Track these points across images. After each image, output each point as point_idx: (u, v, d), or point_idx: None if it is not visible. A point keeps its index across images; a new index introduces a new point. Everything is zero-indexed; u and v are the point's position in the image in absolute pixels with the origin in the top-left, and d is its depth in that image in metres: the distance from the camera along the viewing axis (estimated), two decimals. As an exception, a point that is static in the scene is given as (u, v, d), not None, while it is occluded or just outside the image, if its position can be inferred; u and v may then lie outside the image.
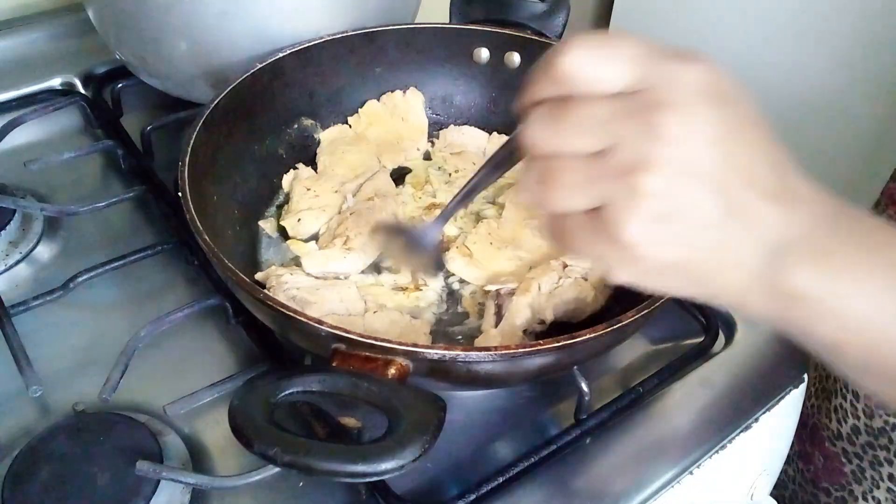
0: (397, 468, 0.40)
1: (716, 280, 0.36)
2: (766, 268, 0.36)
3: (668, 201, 0.33)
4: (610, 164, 0.34)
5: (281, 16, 0.71)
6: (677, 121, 0.33)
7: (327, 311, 0.58)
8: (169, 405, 0.56)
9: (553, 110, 0.35)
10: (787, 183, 0.36)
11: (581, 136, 0.34)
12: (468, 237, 0.66)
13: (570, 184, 0.35)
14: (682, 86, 0.33)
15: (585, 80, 0.34)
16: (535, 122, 0.35)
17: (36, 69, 0.87)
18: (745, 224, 0.35)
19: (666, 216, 0.34)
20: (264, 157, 0.72)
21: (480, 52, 0.78)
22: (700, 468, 0.57)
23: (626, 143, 0.33)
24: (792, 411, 0.65)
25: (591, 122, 0.34)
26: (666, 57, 0.34)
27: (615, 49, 0.34)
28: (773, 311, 0.37)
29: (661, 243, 0.34)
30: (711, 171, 0.33)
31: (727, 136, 0.34)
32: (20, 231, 0.70)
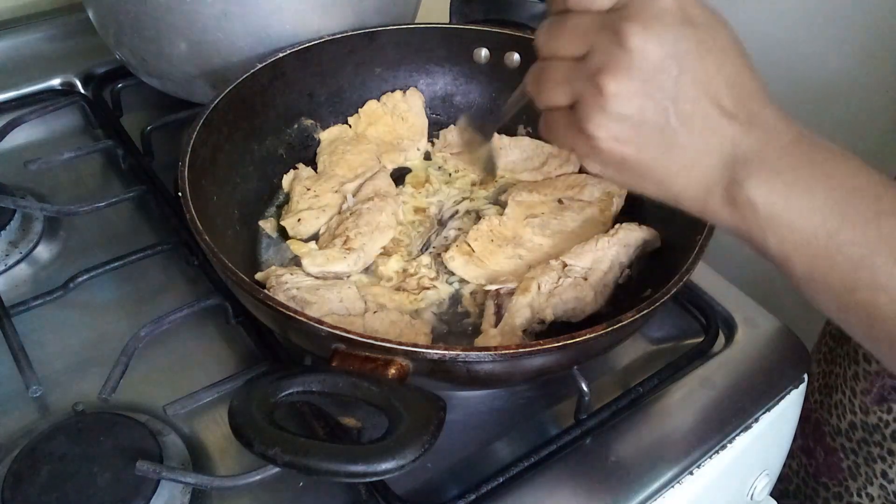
0: (397, 468, 0.40)
1: (674, 182, 0.41)
2: (721, 178, 0.40)
3: (626, 102, 0.38)
4: (584, 67, 0.39)
5: (281, 16, 0.71)
6: (640, 33, 0.37)
7: (327, 311, 0.58)
8: (169, 405, 0.56)
9: (555, 22, 0.41)
10: (745, 105, 0.39)
11: (569, 43, 0.40)
12: (470, 234, 0.66)
13: (554, 81, 0.41)
14: (653, 5, 0.38)
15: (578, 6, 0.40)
16: (540, 31, 0.42)
17: (36, 69, 0.87)
18: (698, 133, 0.39)
19: (623, 115, 0.39)
20: (264, 157, 0.72)
21: (480, 52, 0.78)
22: (700, 468, 0.57)
23: (598, 49, 0.39)
24: (792, 411, 0.65)
25: (577, 31, 0.40)
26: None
27: None
28: (730, 222, 0.41)
29: (618, 140, 0.39)
30: (667, 81, 0.38)
31: (689, 50, 0.38)
32: (20, 231, 0.70)
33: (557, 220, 0.68)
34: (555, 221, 0.68)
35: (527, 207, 0.70)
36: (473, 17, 0.80)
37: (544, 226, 0.68)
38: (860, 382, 0.74)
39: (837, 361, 0.79)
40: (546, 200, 0.70)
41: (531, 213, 0.69)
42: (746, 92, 0.39)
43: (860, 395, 0.74)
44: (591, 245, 0.63)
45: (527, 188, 0.71)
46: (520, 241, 0.67)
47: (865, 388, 0.74)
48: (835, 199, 0.39)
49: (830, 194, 0.39)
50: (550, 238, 0.67)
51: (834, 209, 0.39)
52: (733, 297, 0.68)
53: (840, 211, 0.39)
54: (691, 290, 0.67)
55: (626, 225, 0.64)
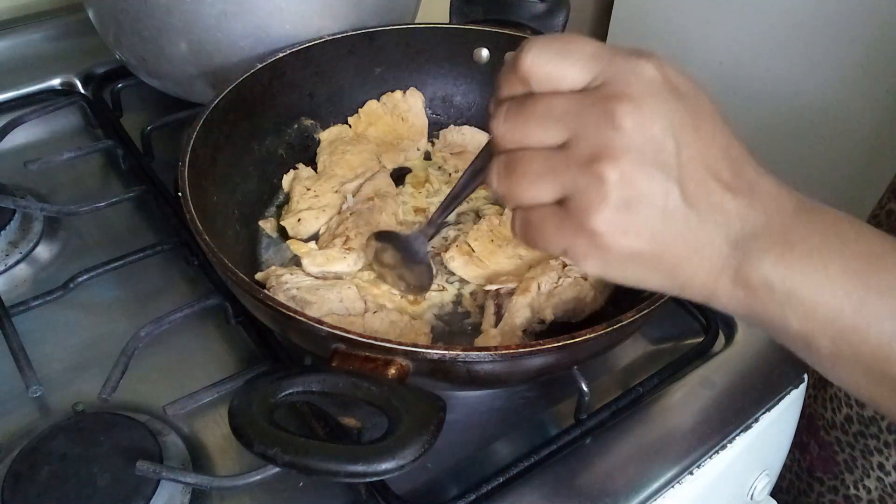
0: (397, 468, 0.40)
1: (682, 271, 0.37)
2: (731, 258, 0.36)
3: (630, 189, 0.34)
4: (572, 155, 0.35)
5: (281, 16, 0.71)
6: (633, 111, 0.34)
7: (327, 311, 0.58)
8: (169, 405, 0.56)
9: (516, 106, 0.37)
10: (744, 175, 0.36)
11: (542, 129, 0.36)
12: (470, 234, 0.66)
13: (534, 175, 0.36)
14: (638, 79, 0.34)
15: (546, 77, 0.36)
16: (500, 117, 0.37)
17: (36, 69, 0.87)
18: (705, 213, 0.35)
19: (628, 205, 0.34)
20: (264, 157, 0.72)
21: (480, 52, 0.78)
22: (700, 468, 0.57)
23: (586, 133, 0.34)
24: (792, 411, 0.65)
25: (552, 114, 0.35)
26: (621, 54, 0.35)
27: (572, 48, 0.36)
28: (743, 305, 0.37)
29: (626, 232, 0.35)
30: (668, 160, 0.34)
31: (682, 127, 0.35)
32: (20, 231, 0.70)
33: (557, 220, 0.68)
34: (555, 221, 0.68)
35: (527, 207, 0.69)
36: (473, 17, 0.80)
37: (544, 226, 0.68)
38: None
39: None
40: (546, 200, 0.70)
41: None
42: (740, 161, 0.37)
43: None
44: (591, 245, 0.63)
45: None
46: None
47: None
48: (854, 269, 0.36)
49: (849, 263, 0.36)
50: (550, 238, 0.67)
51: (856, 279, 0.36)
52: (733, 297, 0.68)
53: (863, 281, 0.36)
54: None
55: (626, 225, 0.64)
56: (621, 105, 0.34)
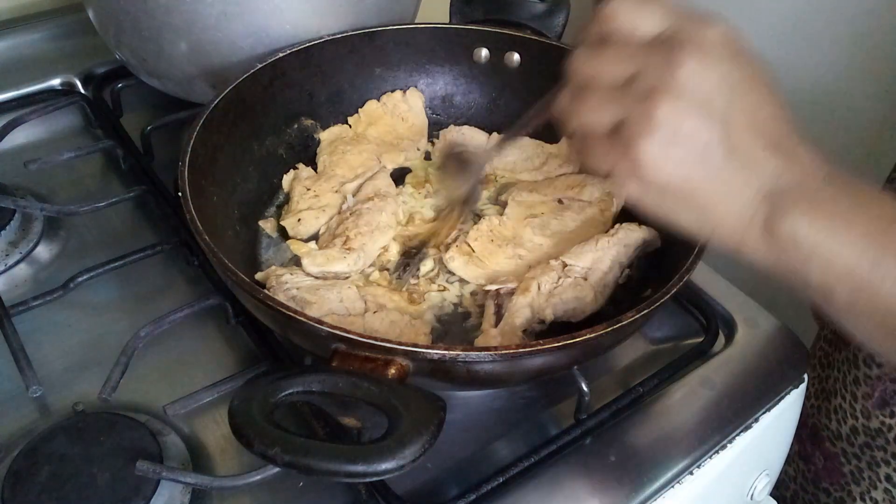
0: (397, 468, 0.40)
1: (714, 212, 0.41)
2: (761, 208, 0.40)
3: (677, 126, 0.38)
4: (632, 89, 0.39)
5: (281, 16, 0.71)
6: (695, 59, 0.38)
7: (327, 311, 0.58)
8: (169, 405, 0.56)
9: (594, 47, 0.41)
10: (785, 140, 0.40)
11: (612, 66, 0.40)
12: (470, 234, 0.66)
13: (597, 102, 0.41)
14: (704, 35, 0.39)
15: (624, 23, 0.40)
16: (579, 52, 0.42)
17: (36, 69, 0.87)
18: (743, 163, 0.39)
19: (672, 140, 0.38)
20: (264, 157, 0.72)
21: (480, 52, 0.78)
22: (700, 468, 0.57)
23: (648, 72, 0.39)
24: (792, 411, 0.65)
25: (622, 54, 0.40)
26: (693, 14, 0.40)
27: (650, 3, 0.41)
28: (769, 254, 0.41)
29: (666, 164, 0.39)
30: (718, 109, 0.38)
31: (737, 84, 0.39)
32: (20, 231, 0.70)
33: (557, 220, 0.68)
34: (555, 221, 0.68)
35: (527, 207, 0.70)
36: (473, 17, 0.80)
37: (544, 226, 0.68)
38: (861, 387, 0.74)
39: (835, 366, 0.79)
40: (546, 200, 0.70)
41: (531, 213, 0.69)
42: (785, 128, 0.41)
43: (861, 399, 0.74)
44: (591, 245, 0.63)
45: (527, 188, 0.71)
46: (520, 241, 0.67)
47: (867, 392, 0.73)
48: (874, 231, 0.40)
49: (870, 226, 0.40)
50: (550, 238, 0.67)
51: (875, 240, 0.40)
52: (733, 297, 0.68)
53: (881, 242, 0.40)
54: (691, 290, 0.67)
55: (626, 225, 0.64)
56: (684, 53, 0.38)
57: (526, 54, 0.76)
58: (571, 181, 0.72)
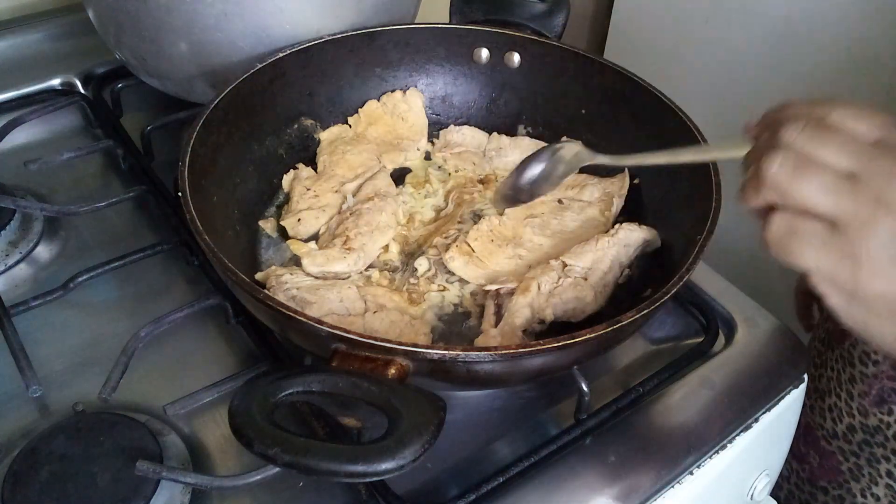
0: (397, 468, 0.40)
1: None
2: None
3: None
4: (860, 189, 0.38)
5: (281, 16, 0.71)
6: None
7: (327, 311, 0.58)
8: (169, 405, 0.56)
9: (817, 123, 0.39)
10: None
11: (839, 154, 0.38)
12: (470, 234, 0.66)
13: (824, 186, 0.38)
14: None
15: (843, 122, 0.40)
16: (801, 125, 0.40)
17: (36, 69, 0.87)
18: None
19: (895, 252, 0.37)
20: (264, 157, 0.72)
21: (480, 52, 0.78)
22: (700, 468, 0.57)
23: (876, 177, 0.37)
24: (792, 411, 0.65)
25: (851, 147, 0.39)
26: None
27: (868, 111, 0.40)
28: None
29: (885, 272, 0.38)
30: None
31: None
32: (20, 231, 0.70)
33: (557, 221, 0.68)
34: (555, 221, 0.68)
35: (527, 207, 0.69)
36: (473, 17, 0.80)
37: (544, 226, 0.68)
38: (857, 385, 0.74)
39: (828, 365, 0.79)
40: (546, 200, 0.70)
41: (531, 213, 0.69)
42: None
43: (857, 397, 0.74)
44: (591, 245, 0.63)
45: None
46: (520, 241, 0.67)
47: (863, 390, 0.73)
48: None
49: None
50: (550, 238, 0.67)
51: None
52: (733, 297, 0.68)
53: None
54: (691, 290, 0.67)
55: (626, 225, 0.64)
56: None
57: (526, 54, 0.77)
58: (571, 181, 0.72)
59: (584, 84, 0.74)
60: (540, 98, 0.78)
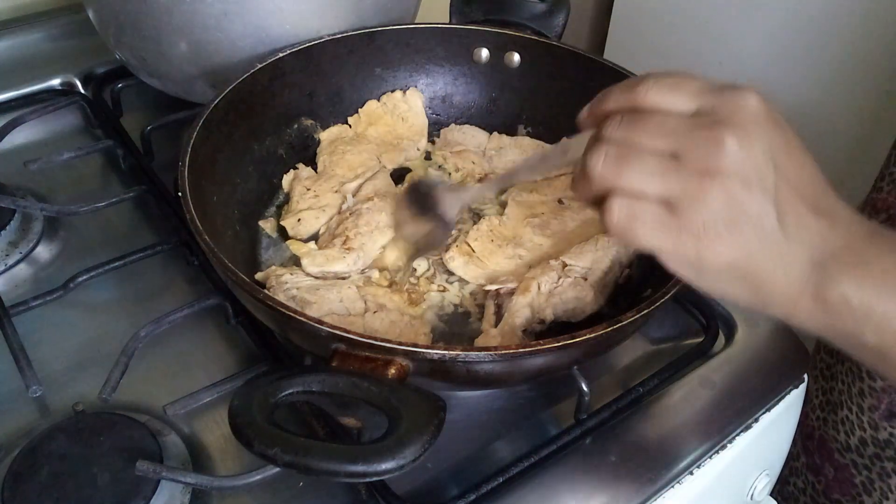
0: (397, 468, 0.40)
1: (768, 286, 0.40)
2: (812, 277, 0.40)
3: (733, 206, 0.38)
4: (683, 166, 0.39)
5: (281, 16, 0.71)
6: (740, 136, 0.38)
7: (327, 311, 0.58)
8: (169, 405, 0.56)
9: (630, 115, 0.40)
10: (826, 200, 0.40)
11: (654, 138, 0.39)
12: (470, 234, 0.66)
13: (647, 169, 0.39)
14: (742, 109, 0.39)
15: (658, 104, 0.40)
16: (616, 119, 0.41)
17: (36, 69, 0.87)
18: (793, 233, 0.39)
19: (730, 220, 0.38)
20: (264, 157, 0.72)
21: (480, 52, 0.78)
22: (700, 468, 0.57)
23: (696, 151, 0.38)
24: (792, 411, 0.65)
25: (664, 128, 0.39)
26: (726, 88, 0.40)
27: (683, 82, 0.40)
28: (821, 321, 0.41)
29: (724, 244, 0.39)
30: (768, 182, 0.38)
31: (779, 152, 0.39)
32: (20, 231, 0.70)
33: (557, 220, 0.68)
34: (555, 221, 0.68)
35: (527, 207, 0.70)
36: (473, 17, 0.80)
37: (544, 226, 0.68)
38: (867, 399, 0.74)
39: (838, 377, 0.78)
40: (546, 200, 0.70)
41: (531, 213, 0.69)
42: (823, 188, 0.41)
43: (868, 411, 0.74)
44: (591, 245, 0.63)
45: (527, 188, 0.71)
46: (520, 241, 0.67)
47: (873, 404, 0.73)
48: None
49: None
50: (550, 238, 0.67)
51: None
52: (733, 297, 0.68)
53: None
54: (691, 290, 0.67)
55: (626, 225, 0.64)
56: (727, 129, 0.38)
57: (526, 54, 0.77)
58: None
59: (584, 84, 0.74)
60: (540, 98, 0.78)
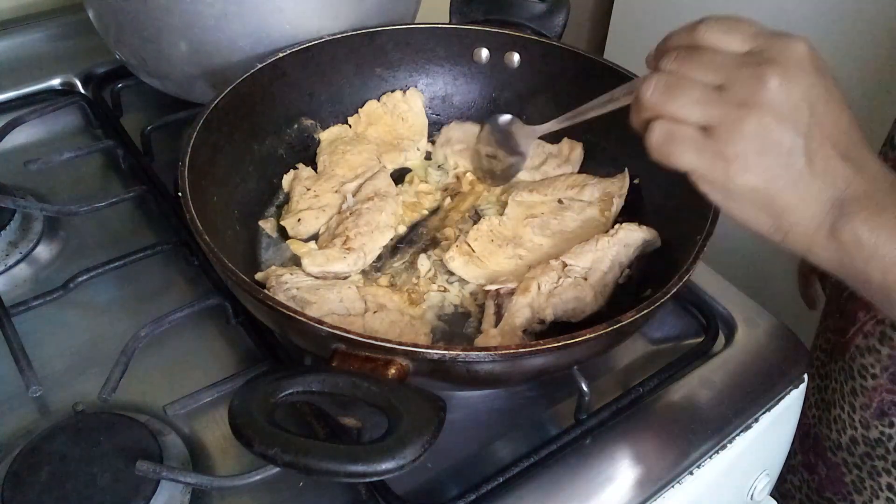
0: (397, 468, 0.40)
1: (789, 216, 0.44)
2: (830, 214, 0.43)
3: (765, 135, 0.42)
4: (725, 96, 0.42)
5: (281, 16, 0.71)
6: (781, 76, 0.42)
7: (327, 311, 0.58)
8: (169, 405, 0.56)
9: (685, 50, 0.44)
10: (857, 151, 0.44)
11: (704, 70, 0.43)
12: (470, 234, 0.66)
13: (692, 97, 0.43)
14: (789, 53, 0.42)
15: (714, 43, 0.44)
16: (673, 54, 0.45)
17: (36, 69, 0.87)
18: (819, 171, 0.43)
19: (761, 147, 0.42)
20: (264, 157, 0.71)
21: (480, 52, 0.78)
22: (700, 468, 0.57)
23: (740, 84, 0.42)
24: (792, 411, 0.65)
25: (714, 62, 0.43)
26: (777, 33, 0.44)
27: (739, 24, 0.44)
28: (834, 258, 0.45)
29: (753, 169, 0.43)
30: (801, 120, 0.42)
31: (817, 98, 0.43)
32: (20, 231, 0.70)
33: (557, 220, 0.68)
34: (555, 221, 0.68)
35: (527, 207, 0.70)
36: (473, 17, 0.80)
37: (544, 226, 0.68)
38: (858, 398, 0.74)
39: (832, 376, 0.79)
40: (546, 200, 0.70)
41: (531, 213, 0.69)
42: (856, 140, 0.44)
43: (859, 410, 0.74)
44: (591, 245, 0.63)
45: (527, 188, 0.71)
46: (520, 241, 0.67)
47: (864, 402, 0.73)
48: None
49: None
50: (550, 238, 0.67)
51: None
52: (733, 297, 0.68)
53: None
54: (691, 290, 0.67)
55: (626, 225, 0.64)
56: (772, 69, 0.42)
57: (526, 54, 0.77)
58: (571, 181, 0.72)
59: (584, 84, 0.74)
60: (540, 98, 0.77)
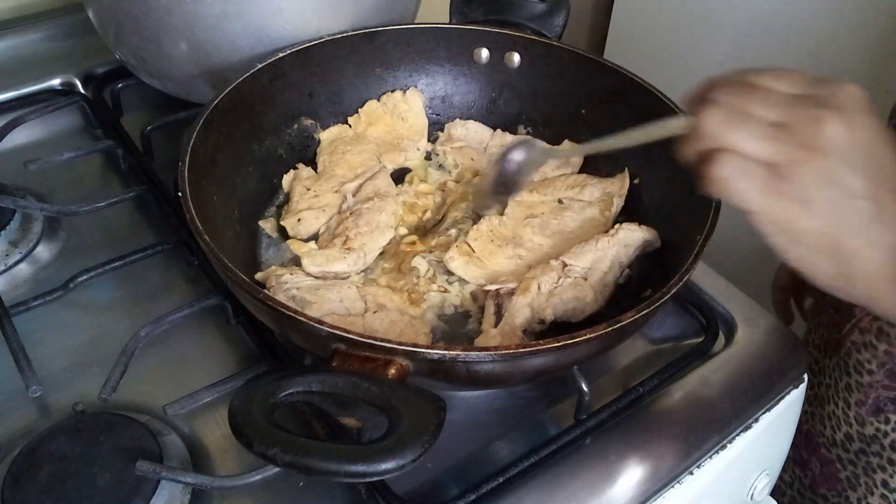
0: (397, 468, 0.40)
1: (854, 262, 0.43)
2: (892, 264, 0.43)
3: (833, 180, 0.41)
4: (790, 134, 0.42)
5: (281, 16, 0.71)
6: (844, 120, 0.42)
7: (327, 311, 0.58)
8: (169, 405, 0.56)
9: (741, 86, 0.44)
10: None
11: (765, 106, 0.43)
12: (470, 234, 0.66)
13: (757, 133, 0.42)
14: (843, 95, 0.43)
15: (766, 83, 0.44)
16: (728, 88, 0.44)
17: (36, 69, 0.87)
18: (884, 217, 0.42)
19: (829, 191, 0.41)
20: (264, 157, 0.72)
21: (480, 52, 0.78)
22: (700, 468, 0.57)
23: (801, 123, 0.42)
24: (792, 411, 0.65)
25: (774, 101, 0.43)
26: (829, 79, 0.44)
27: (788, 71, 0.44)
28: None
29: (821, 210, 0.42)
30: (866, 165, 0.42)
31: (874, 141, 0.43)
32: (20, 231, 0.70)
33: (557, 221, 0.68)
34: (555, 221, 0.68)
35: (527, 207, 0.70)
36: (473, 17, 0.80)
37: (544, 226, 0.68)
38: (853, 394, 0.74)
39: (826, 373, 0.79)
40: (546, 200, 0.70)
41: (531, 213, 0.69)
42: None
43: (854, 406, 0.74)
44: (591, 245, 0.63)
45: (527, 188, 0.71)
46: (520, 241, 0.67)
47: (860, 399, 0.73)
48: None
49: None
50: (550, 238, 0.67)
51: None
52: (733, 297, 0.68)
53: None
54: (691, 290, 0.67)
55: (626, 225, 0.64)
56: (834, 112, 0.42)
57: (526, 54, 0.77)
58: (571, 181, 0.72)
59: (584, 84, 0.74)
60: (540, 98, 0.78)
